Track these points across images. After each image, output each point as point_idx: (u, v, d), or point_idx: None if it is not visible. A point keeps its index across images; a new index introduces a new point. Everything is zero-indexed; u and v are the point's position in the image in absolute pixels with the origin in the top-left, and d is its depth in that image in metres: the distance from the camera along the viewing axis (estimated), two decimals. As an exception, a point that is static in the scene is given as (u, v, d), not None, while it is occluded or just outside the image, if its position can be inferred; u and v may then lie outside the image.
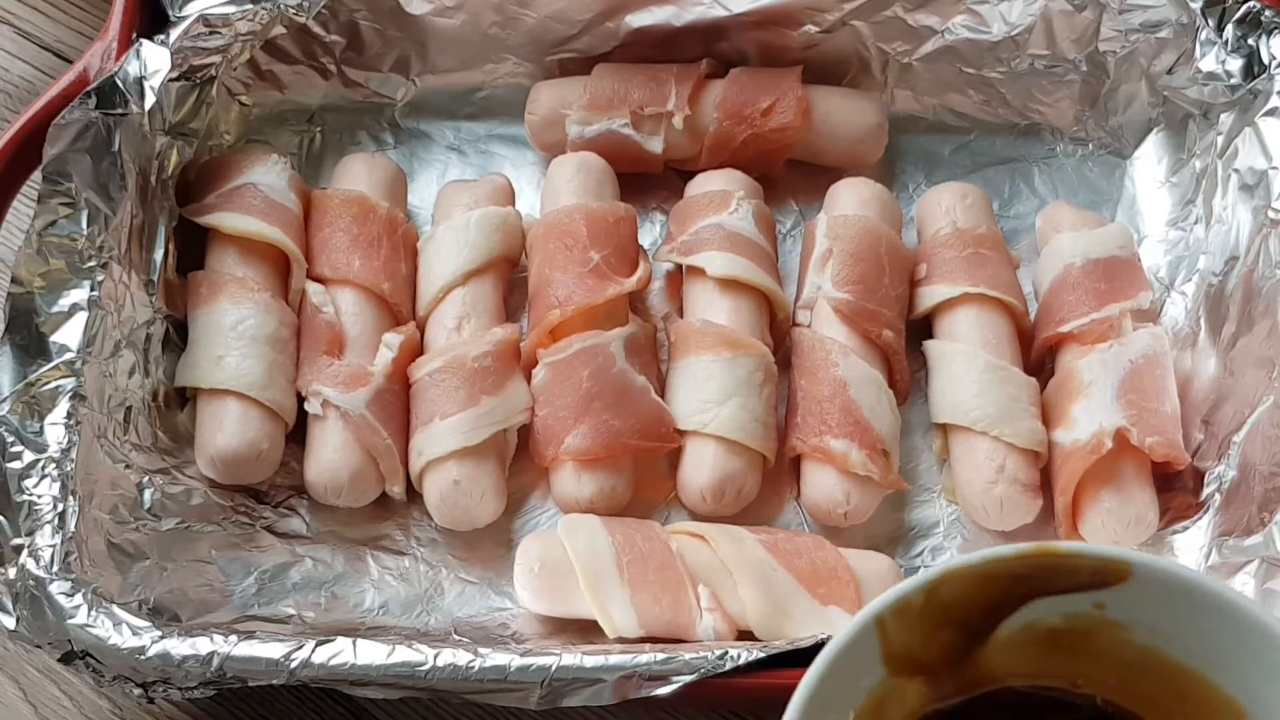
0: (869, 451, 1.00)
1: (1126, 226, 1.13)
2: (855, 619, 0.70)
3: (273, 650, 0.88)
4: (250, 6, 1.09)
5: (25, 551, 0.90)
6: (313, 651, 0.88)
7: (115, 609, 0.89)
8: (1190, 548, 1.00)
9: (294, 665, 0.87)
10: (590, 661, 0.87)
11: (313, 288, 1.06)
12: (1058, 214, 1.13)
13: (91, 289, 0.98)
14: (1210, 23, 1.09)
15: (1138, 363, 1.03)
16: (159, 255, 1.06)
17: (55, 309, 0.97)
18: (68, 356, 0.95)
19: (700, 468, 1.01)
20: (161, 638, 0.88)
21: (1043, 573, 0.72)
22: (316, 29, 1.16)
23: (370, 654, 0.88)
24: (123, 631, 0.88)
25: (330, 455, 1.01)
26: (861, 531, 1.03)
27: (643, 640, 0.93)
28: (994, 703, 0.75)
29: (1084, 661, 0.75)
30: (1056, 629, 0.74)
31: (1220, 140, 1.10)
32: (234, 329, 1.02)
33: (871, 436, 1.01)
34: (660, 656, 0.88)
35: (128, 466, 0.98)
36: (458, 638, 0.95)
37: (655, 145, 1.15)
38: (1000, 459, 1.01)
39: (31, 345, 0.96)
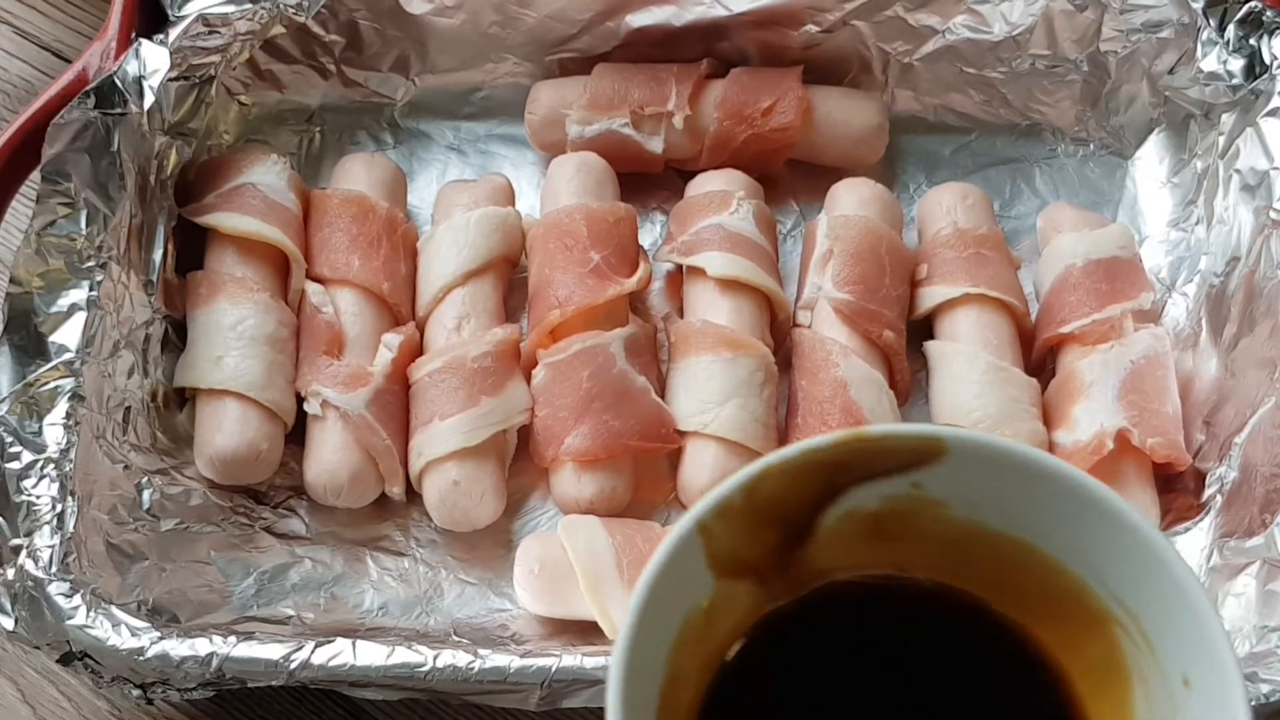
0: (870, 452, 1.00)
1: (1127, 227, 1.13)
2: (677, 526, 0.69)
3: (272, 651, 0.88)
4: (249, 6, 1.09)
5: (24, 552, 0.90)
6: (312, 652, 0.88)
7: (114, 610, 0.89)
8: (1191, 549, 0.99)
9: (293, 666, 0.87)
10: (590, 663, 0.87)
11: (312, 288, 1.06)
12: (1059, 214, 1.12)
13: (90, 289, 0.98)
14: (1212, 23, 1.09)
15: (1139, 363, 1.03)
16: (158, 255, 1.06)
17: (54, 309, 0.97)
18: (66, 357, 0.95)
19: (700, 468, 1.01)
20: (160, 639, 0.88)
21: (859, 459, 0.71)
22: (316, 28, 1.15)
23: (370, 655, 0.88)
24: (121, 632, 0.88)
25: (329, 456, 1.01)
26: (862, 532, 1.03)
27: (643, 641, 0.93)
28: (825, 597, 0.75)
29: (907, 545, 0.75)
30: (878, 514, 0.73)
31: (1222, 141, 1.09)
32: (233, 329, 1.02)
33: (872, 437, 1.01)
34: (660, 658, 0.87)
35: (126, 467, 0.98)
36: (457, 639, 0.95)
37: (655, 145, 1.15)
38: (1001, 460, 1.01)
39: (30, 345, 0.96)
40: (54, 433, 0.93)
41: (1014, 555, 0.73)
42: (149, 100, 1.04)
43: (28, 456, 0.92)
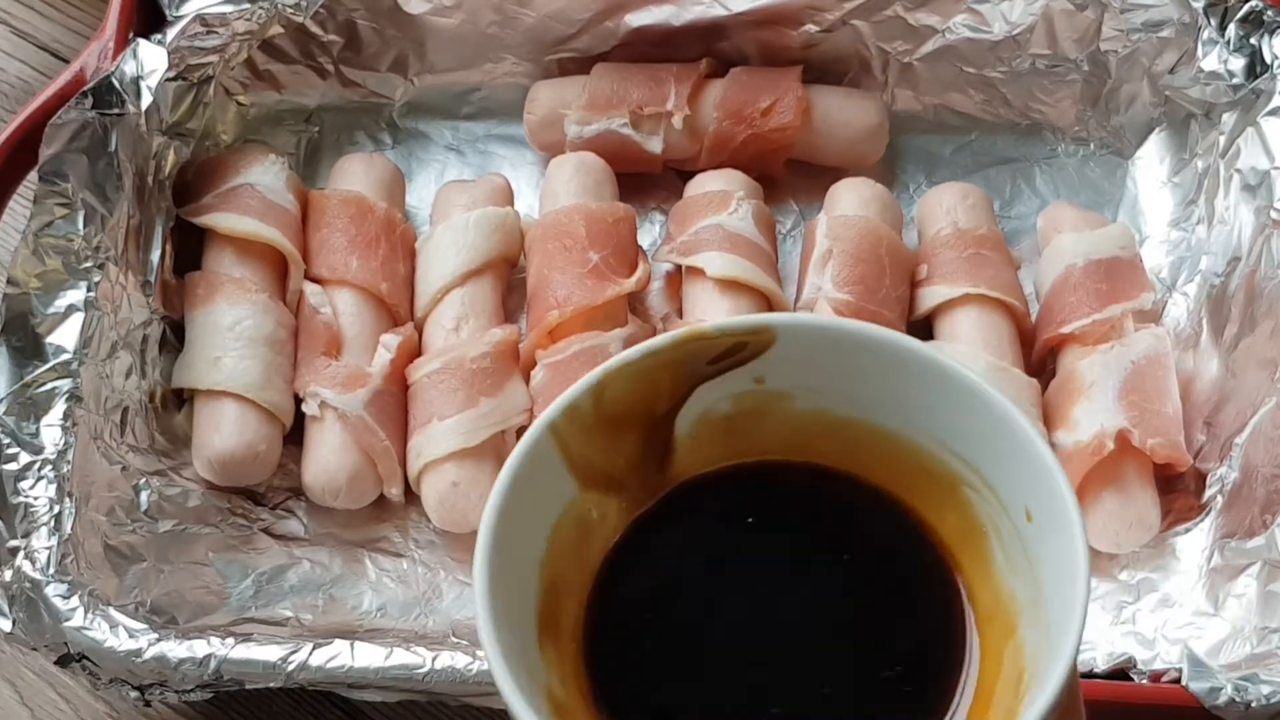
0: (869, 453, 1.00)
1: (1128, 227, 1.13)
2: (530, 429, 0.70)
3: (270, 653, 0.87)
4: (247, 6, 1.09)
5: (21, 554, 0.90)
6: (310, 654, 0.87)
7: (112, 611, 0.89)
8: (1192, 549, 0.99)
9: (291, 668, 0.87)
10: (589, 664, 0.87)
11: (310, 288, 1.06)
12: (1059, 214, 1.12)
13: (88, 290, 0.97)
14: (1212, 22, 1.09)
15: (1139, 364, 1.02)
16: (156, 256, 1.05)
17: (51, 310, 0.97)
18: (64, 358, 0.95)
19: (700, 469, 1.01)
20: (158, 640, 0.87)
21: (699, 357, 0.73)
22: (314, 28, 1.15)
23: (368, 656, 0.88)
24: (119, 634, 0.88)
25: (328, 457, 1.00)
26: (862, 533, 1.02)
27: (642, 643, 0.93)
28: (698, 491, 0.76)
29: (764, 443, 0.76)
30: (729, 416, 0.74)
31: (1222, 140, 1.09)
32: (231, 330, 1.02)
33: (872, 438, 1.01)
34: (660, 659, 0.87)
35: (124, 468, 0.98)
36: (456, 640, 0.95)
37: (655, 145, 1.14)
38: (1001, 460, 1.00)
39: (27, 346, 0.95)
40: (51, 434, 0.93)
41: (865, 437, 0.75)
42: (147, 100, 1.04)
43: (25, 458, 0.92)
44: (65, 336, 0.96)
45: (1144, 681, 0.90)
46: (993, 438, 0.71)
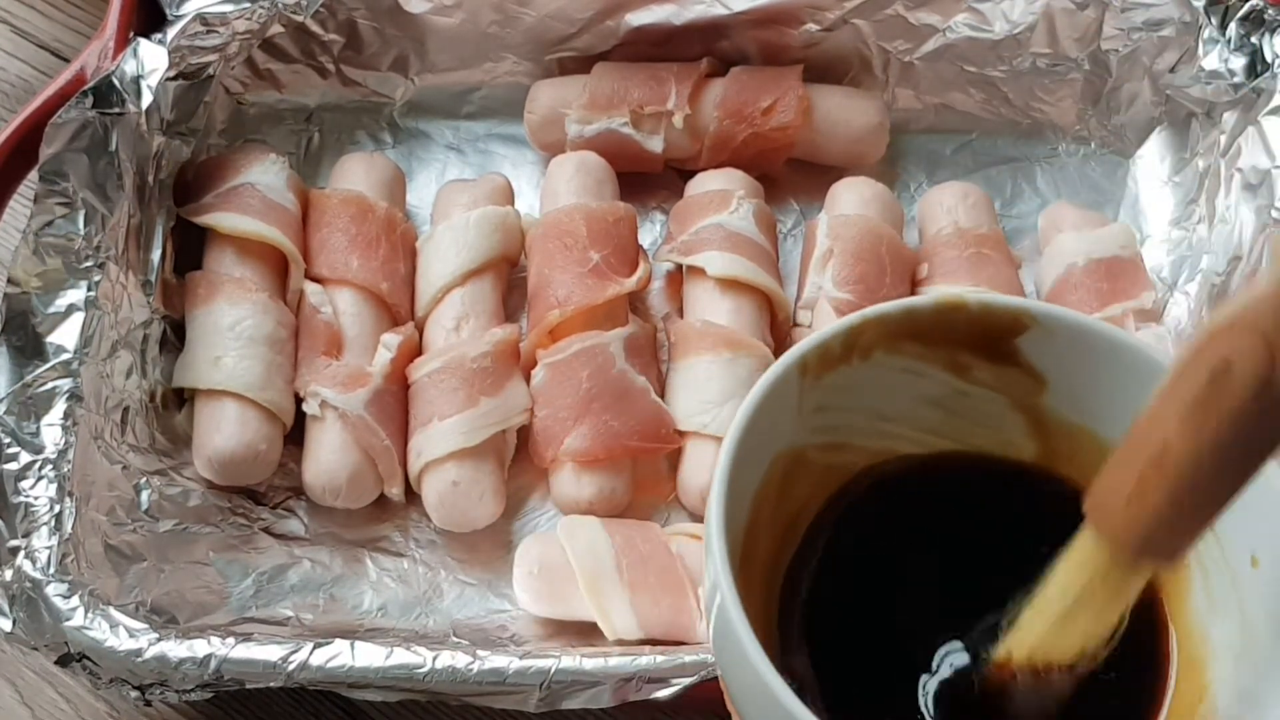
0: (870, 452, 1.00)
1: (1129, 226, 1.13)
2: (782, 357, 0.73)
3: (270, 652, 0.87)
4: (248, 5, 1.09)
5: (22, 553, 0.90)
6: (310, 654, 0.87)
7: (112, 611, 0.89)
8: (1193, 549, 0.99)
9: (292, 668, 0.87)
10: (589, 664, 0.87)
11: (311, 288, 1.06)
12: (1060, 214, 1.12)
13: (89, 289, 0.97)
14: (1213, 21, 1.09)
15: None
16: (156, 255, 1.05)
17: (52, 309, 0.97)
18: (64, 357, 0.95)
19: (701, 469, 1.01)
20: (158, 640, 0.87)
21: (955, 327, 0.75)
22: (314, 28, 1.15)
23: (368, 656, 0.88)
24: (119, 634, 0.88)
25: (328, 456, 1.00)
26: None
27: (643, 643, 0.93)
28: (909, 468, 0.79)
29: (977, 432, 0.79)
30: (957, 395, 0.78)
31: (1223, 139, 1.09)
32: (232, 329, 1.02)
33: (873, 437, 1.01)
34: (660, 659, 0.87)
35: (125, 468, 0.98)
36: (456, 640, 0.95)
37: (655, 144, 1.14)
38: (1002, 460, 1.00)
39: (28, 346, 0.95)
40: (52, 433, 0.93)
41: (1085, 446, 0.76)
42: (147, 100, 1.04)
43: (26, 457, 0.92)
44: (66, 336, 0.96)
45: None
46: None
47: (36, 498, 0.91)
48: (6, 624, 0.88)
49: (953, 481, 0.79)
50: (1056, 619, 0.68)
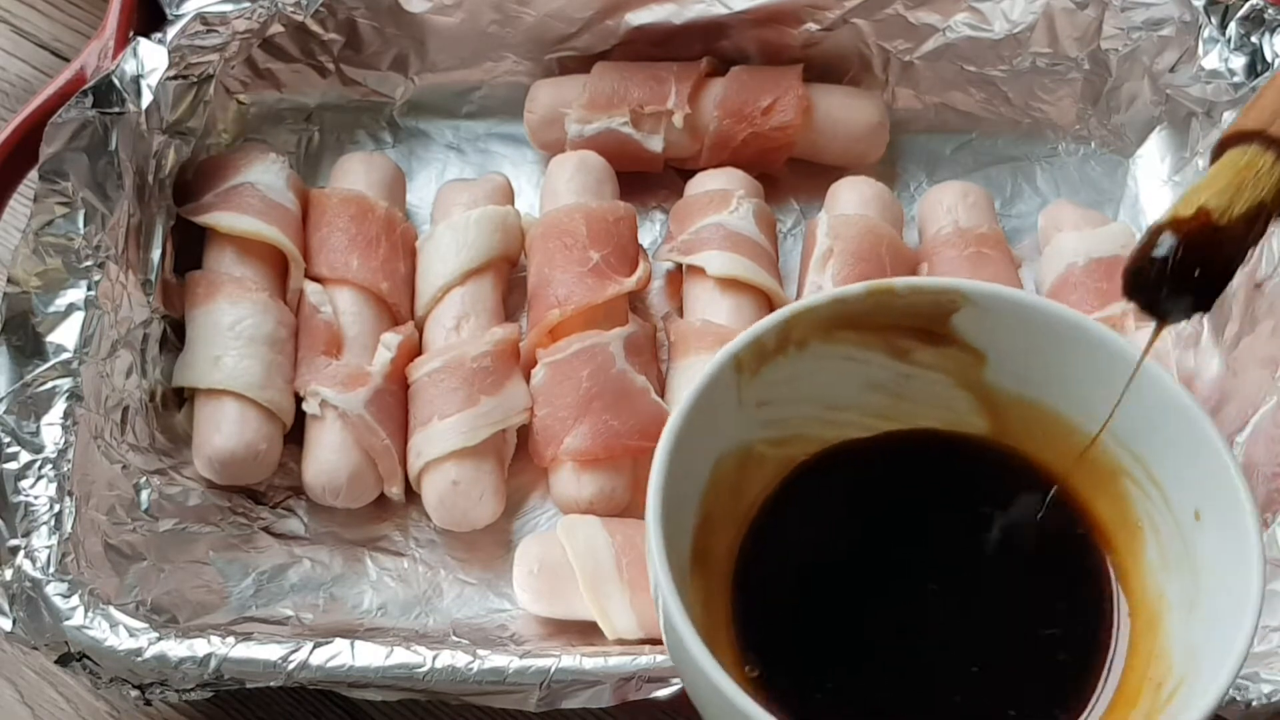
0: (870, 452, 1.00)
1: (1129, 225, 1.13)
2: (715, 357, 0.73)
3: (270, 652, 0.87)
4: (248, 5, 1.09)
5: (22, 553, 0.89)
6: (310, 653, 0.87)
7: (112, 610, 0.89)
8: (1193, 548, 0.99)
9: (292, 667, 0.87)
10: (589, 663, 0.87)
11: (311, 287, 1.06)
12: (1060, 213, 1.12)
13: (88, 289, 0.97)
14: (1213, 20, 1.09)
15: (1138, 362, 1.03)
16: (156, 255, 1.05)
17: (52, 309, 0.97)
18: (64, 357, 0.95)
19: (700, 468, 1.01)
20: (158, 639, 0.87)
21: (885, 311, 0.75)
22: (314, 27, 1.15)
23: (368, 656, 0.88)
24: (120, 633, 0.87)
25: (328, 456, 1.00)
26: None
27: (643, 642, 0.93)
28: (857, 449, 0.79)
29: (924, 411, 0.79)
30: (899, 378, 0.78)
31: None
32: (231, 329, 1.02)
33: (872, 437, 1.01)
34: (660, 658, 0.87)
35: (125, 467, 0.98)
36: (456, 639, 0.95)
37: (655, 144, 1.14)
38: (1002, 459, 1.00)
39: (28, 345, 0.95)
40: (52, 433, 0.93)
41: (1030, 416, 0.76)
42: (147, 99, 1.04)
43: (25, 457, 0.92)
44: (66, 335, 0.96)
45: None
46: (1174, 437, 0.71)
47: (36, 497, 0.91)
48: (6, 623, 0.88)
49: (905, 461, 0.80)
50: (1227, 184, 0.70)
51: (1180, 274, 0.68)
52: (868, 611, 0.74)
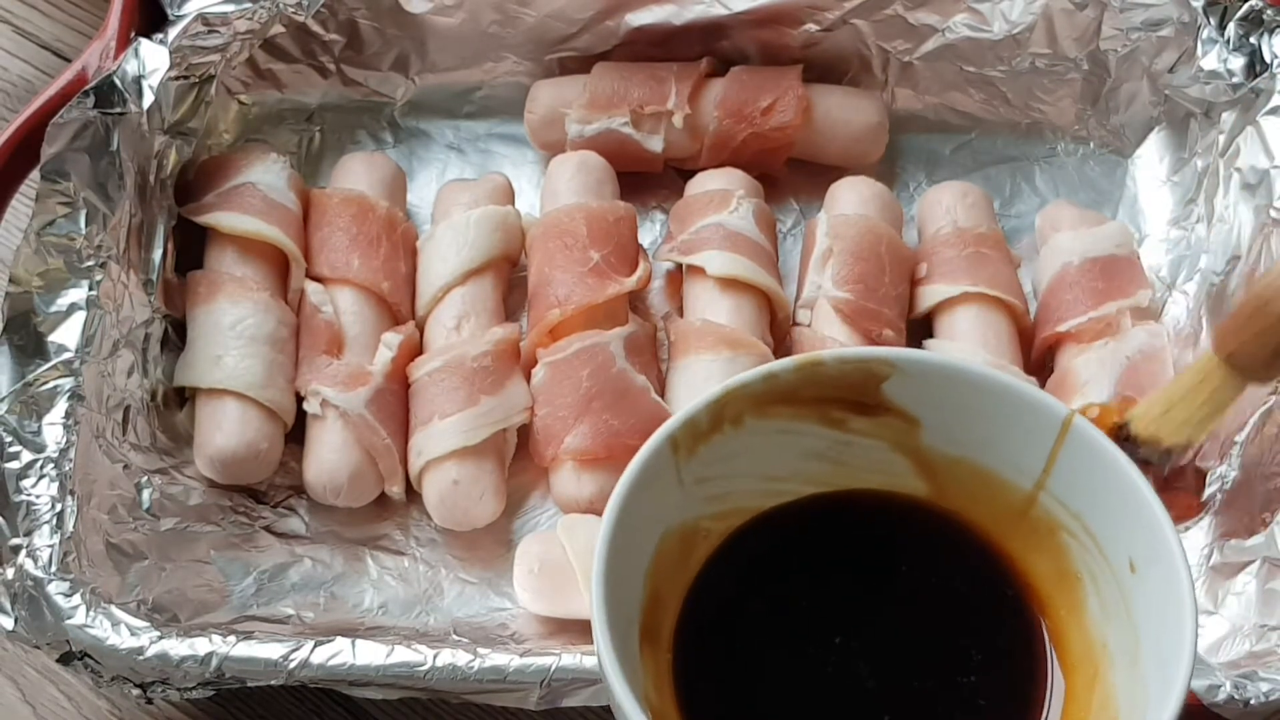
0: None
1: (1125, 225, 1.13)
2: (651, 438, 0.73)
3: (271, 651, 0.87)
4: (249, 5, 1.09)
5: (23, 552, 0.90)
6: (311, 652, 0.88)
7: (114, 609, 0.89)
8: (1192, 548, 0.99)
9: (293, 666, 0.87)
10: (590, 662, 0.87)
11: (311, 287, 1.06)
12: (1057, 213, 1.12)
13: (90, 288, 0.98)
14: (1212, 21, 1.09)
15: (1134, 359, 1.03)
16: (158, 255, 1.06)
17: (53, 309, 0.97)
18: (66, 356, 0.95)
19: (700, 467, 1.01)
20: (160, 638, 0.87)
21: (816, 383, 0.76)
22: (315, 28, 1.15)
23: (369, 654, 0.88)
24: (121, 632, 0.88)
25: (329, 455, 1.00)
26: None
27: (642, 641, 0.93)
28: (797, 511, 0.80)
29: (860, 473, 0.80)
30: (835, 444, 0.79)
31: (1222, 139, 1.09)
32: (233, 328, 1.02)
33: (872, 436, 1.01)
34: (660, 657, 0.87)
35: (126, 466, 0.98)
36: (457, 638, 0.95)
37: (655, 144, 1.15)
38: (1001, 459, 1.00)
39: (29, 345, 0.95)
40: (53, 432, 0.93)
41: (966, 476, 0.78)
42: (148, 100, 1.04)
43: (27, 456, 0.92)
44: (67, 335, 0.96)
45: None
46: (1102, 490, 0.72)
47: (38, 496, 0.91)
48: (8, 622, 0.88)
49: (841, 524, 0.80)
50: (1172, 402, 0.90)
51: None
52: (808, 682, 0.75)
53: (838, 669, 0.75)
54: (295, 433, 1.04)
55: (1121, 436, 0.87)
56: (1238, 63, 1.08)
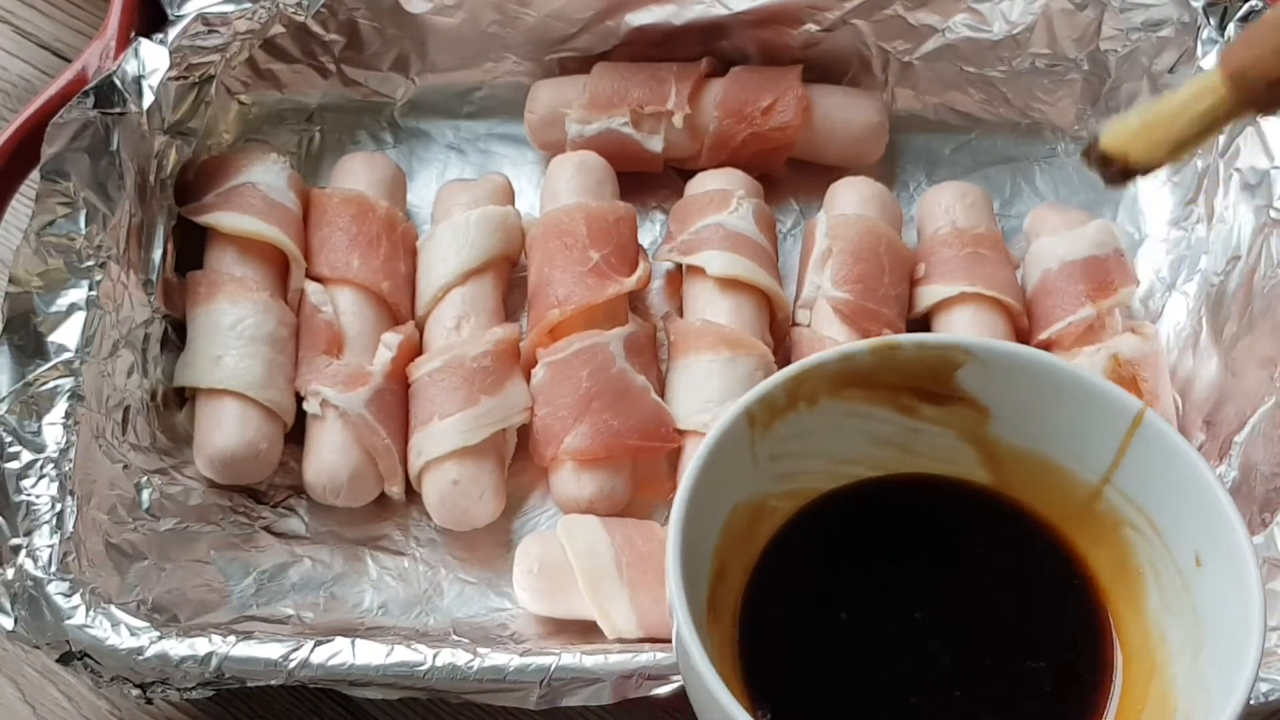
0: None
1: (1107, 224, 1.12)
2: (728, 411, 0.75)
3: (271, 651, 0.88)
4: (249, 5, 1.09)
5: (23, 552, 0.90)
6: (311, 652, 0.88)
7: (113, 609, 0.89)
8: (1191, 548, 0.99)
9: (292, 666, 0.87)
10: (590, 661, 0.87)
11: (311, 287, 1.06)
12: (1042, 217, 1.12)
13: (90, 288, 0.98)
14: (1212, 21, 1.09)
15: (1126, 365, 1.02)
16: (157, 255, 1.06)
17: (53, 309, 0.97)
18: (66, 356, 0.95)
19: (700, 468, 1.01)
20: (160, 638, 0.88)
21: (892, 366, 0.78)
22: (315, 28, 1.15)
23: (369, 654, 0.88)
24: (121, 632, 0.88)
25: (329, 455, 1.00)
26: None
27: (642, 641, 0.93)
28: (865, 494, 0.81)
29: (929, 458, 0.81)
30: (906, 429, 0.80)
31: (1222, 139, 1.09)
32: (232, 328, 1.02)
33: (872, 436, 1.01)
34: (660, 656, 0.87)
35: (126, 466, 0.98)
36: (457, 638, 0.95)
37: (655, 144, 1.15)
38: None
39: (29, 345, 0.95)
40: (53, 432, 0.93)
41: (1034, 468, 0.78)
42: (148, 100, 1.04)
43: (27, 456, 0.92)
44: (67, 335, 0.96)
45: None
46: (1170, 484, 0.73)
47: (38, 496, 0.91)
48: (8, 622, 0.88)
49: (906, 508, 0.81)
50: (1155, 118, 0.76)
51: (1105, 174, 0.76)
52: (871, 659, 0.76)
53: (906, 646, 0.76)
54: (295, 433, 1.04)
55: (1086, 153, 0.78)
56: (1238, 63, 1.08)
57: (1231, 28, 1.08)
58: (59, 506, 0.91)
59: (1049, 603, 0.78)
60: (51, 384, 0.95)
